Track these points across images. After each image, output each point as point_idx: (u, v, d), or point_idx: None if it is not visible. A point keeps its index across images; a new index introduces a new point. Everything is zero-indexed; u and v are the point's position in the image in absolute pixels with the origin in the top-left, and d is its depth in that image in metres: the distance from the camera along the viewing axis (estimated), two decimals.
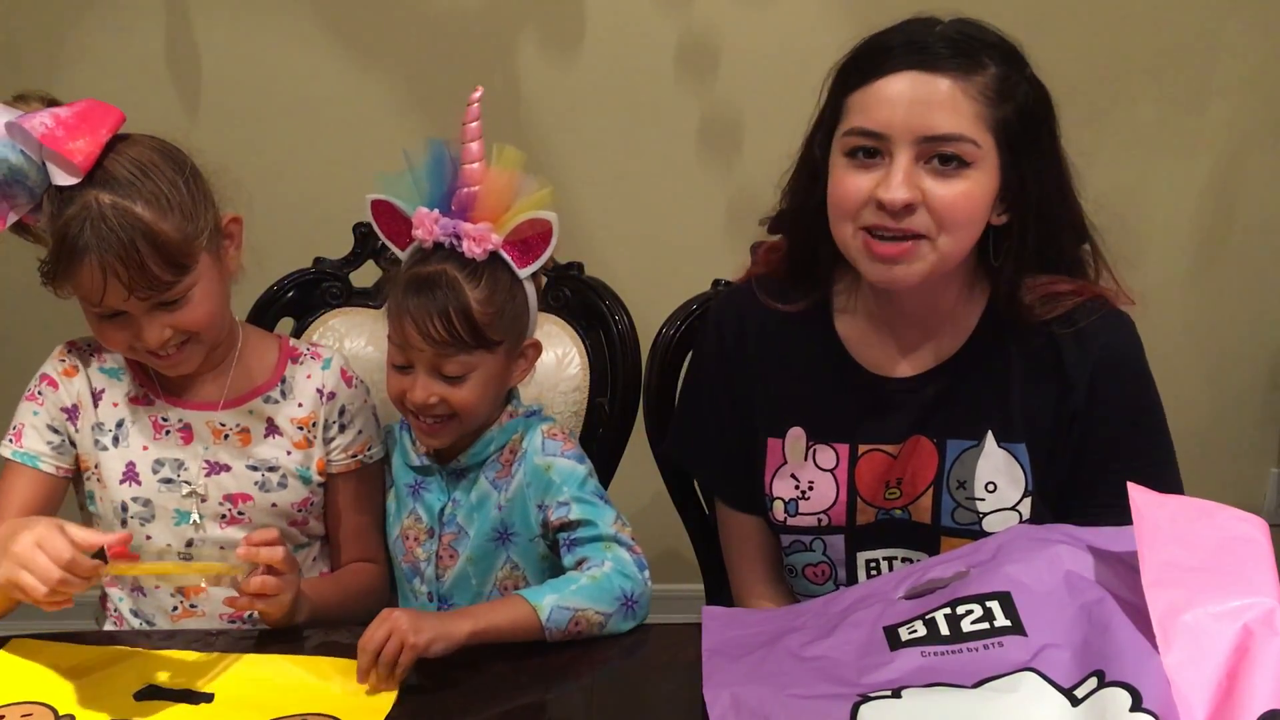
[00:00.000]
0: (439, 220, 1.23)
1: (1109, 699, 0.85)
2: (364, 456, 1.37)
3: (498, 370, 1.27)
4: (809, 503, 1.27)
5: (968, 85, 1.10)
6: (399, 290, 1.24)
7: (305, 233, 1.74)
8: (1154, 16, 2.20)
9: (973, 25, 1.16)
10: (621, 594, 1.18)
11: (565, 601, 1.15)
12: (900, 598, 1.04)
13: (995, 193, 1.14)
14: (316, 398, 1.35)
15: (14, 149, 1.15)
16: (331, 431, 1.36)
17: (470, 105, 1.24)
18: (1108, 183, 2.22)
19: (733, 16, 2.17)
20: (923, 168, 1.11)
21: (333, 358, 1.38)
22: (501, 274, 1.24)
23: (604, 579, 1.19)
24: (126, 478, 1.29)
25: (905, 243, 1.13)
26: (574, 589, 1.17)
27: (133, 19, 2.17)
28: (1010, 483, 1.21)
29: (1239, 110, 2.26)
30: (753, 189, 2.22)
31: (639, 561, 1.22)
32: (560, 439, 1.32)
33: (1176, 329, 2.34)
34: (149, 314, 1.20)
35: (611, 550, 1.22)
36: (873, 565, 1.28)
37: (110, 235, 1.15)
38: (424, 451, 1.35)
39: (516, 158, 1.25)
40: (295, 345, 1.40)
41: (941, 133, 1.10)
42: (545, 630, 1.14)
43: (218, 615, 1.32)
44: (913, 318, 1.24)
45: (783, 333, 1.29)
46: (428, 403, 1.24)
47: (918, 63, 1.11)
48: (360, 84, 2.21)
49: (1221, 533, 0.92)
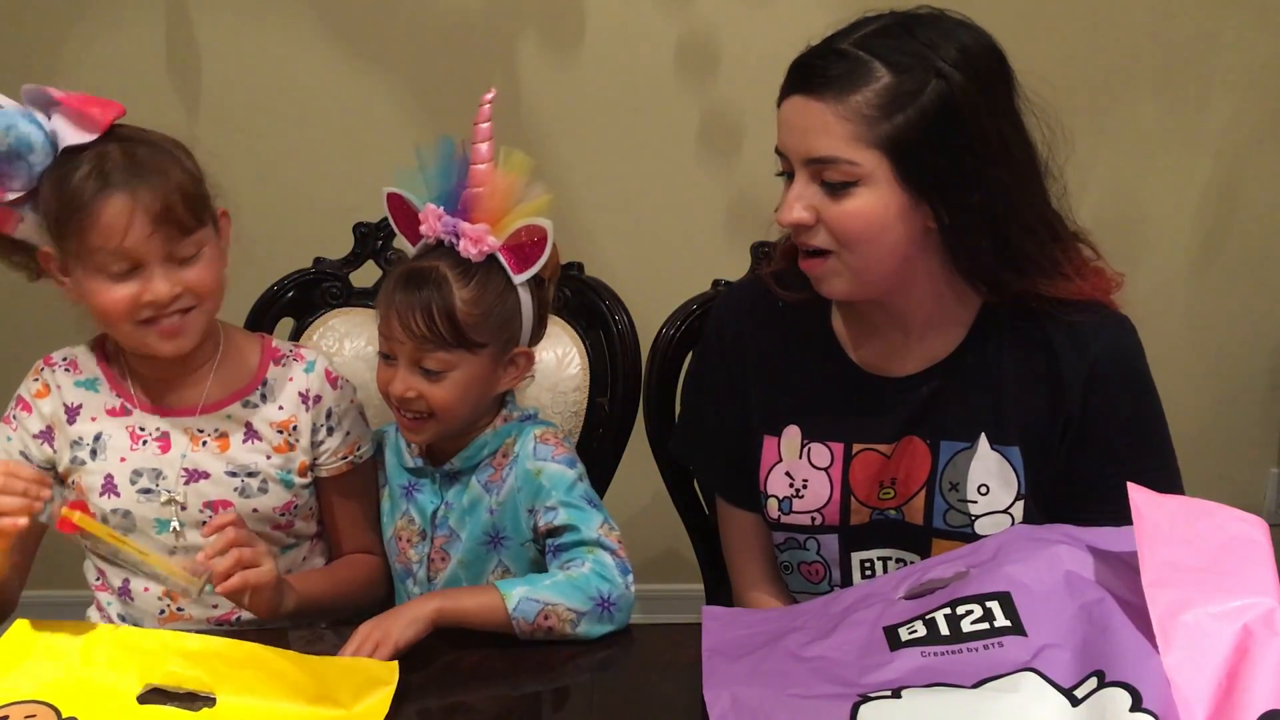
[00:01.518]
0: (442, 217, 1.23)
1: (1109, 699, 0.85)
2: (354, 457, 1.37)
3: (480, 373, 1.27)
4: (803, 501, 1.28)
5: (841, 106, 1.10)
6: (391, 281, 1.26)
7: (305, 233, 1.74)
8: (1154, 16, 2.20)
9: (886, 30, 1.12)
10: (598, 594, 1.18)
11: (535, 594, 1.16)
12: (900, 598, 1.04)
13: (901, 203, 1.12)
14: (298, 400, 1.34)
15: (26, 116, 1.16)
16: (320, 435, 1.35)
17: (482, 106, 1.24)
18: (1108, 183, 2.26)
19: (733, 16, 2.17)
20: (819, 187, 1.13)
21: (316, 360, 1.37)
22: (495, 277, 1.24)
23: (580, 578, 1.19)
24: (105, 490, 1.29)
25: (814, 258, 1.17)
26: (547, 584, 1.18)
27: (133, 19, 2.17)
28: (1003, 485, 1.21)
29: (1239, 110, 2.26)
30: (753, 189, 2.23)
31: (621, 566, 1.22)
32: (552, 444, 1.31)
33: (1176, 328, 2.34)
34: (164, 264, 1.20)
35: (594, 554, 1.22)
36: (867, 566, 1.28)
37: (134, 169, 1.18)
38: (418, 453, 1.35)
39: (524, 163, 1.25)
40: (278, 346, 1.39)
41: (818, 155, 1.12)
42: (512, 620, 1.14)
43: (205, 619, 1.32)
44: (900, 319, 1.24)
45: (782, 331, 1.29)
46: (405, 396, 1.25)
47: (800, 86, 1.13)
48: (360, 84, 2.21)
49: (1221, 533, 0.92)
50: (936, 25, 1.13)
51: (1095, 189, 2.24)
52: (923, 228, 1.14)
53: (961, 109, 1.09)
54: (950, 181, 1.11)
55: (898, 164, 1.10)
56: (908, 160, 1.10)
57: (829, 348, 1.28)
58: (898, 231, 1.13)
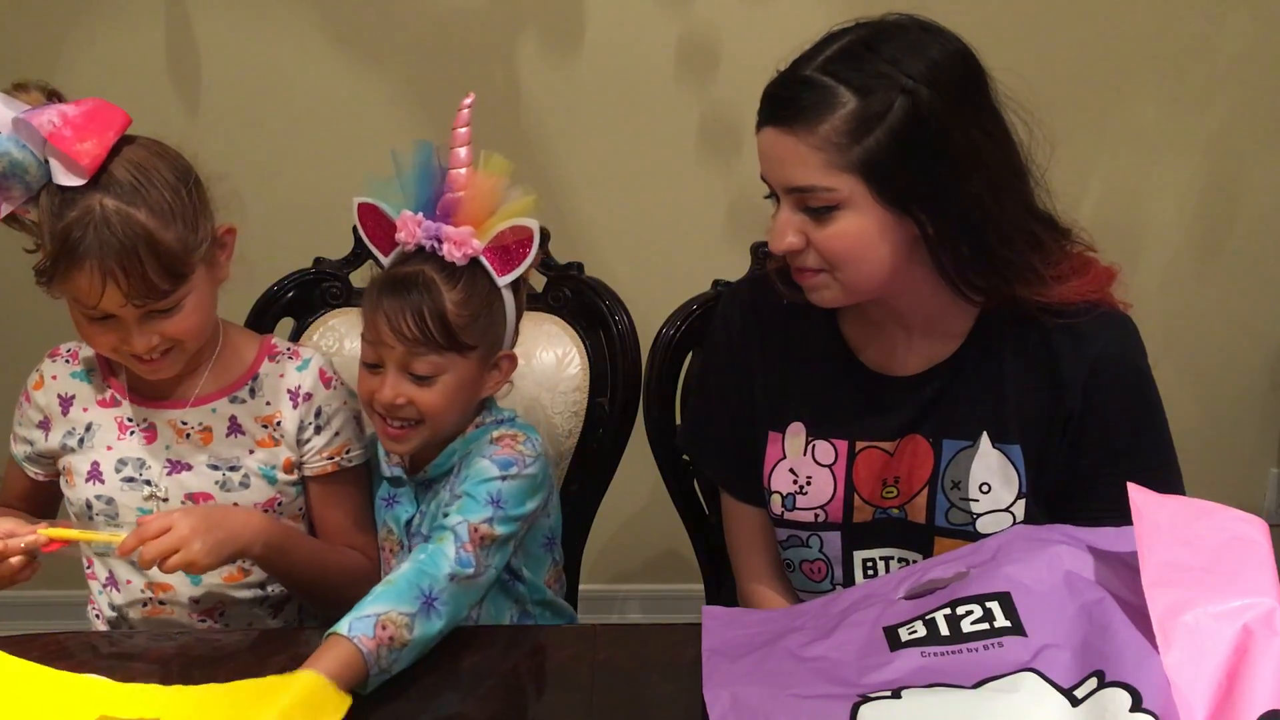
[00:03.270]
0: (422, 223, 1.23)
1: (1109, 699, 0.85)
2: (341, 459, 1.36)
3: (469, 377, 1.26)
4: (806, 498, 1.28)
5: (812, 136, 1.10)
6: (375, 288, 1.24)
7: (305, 233, 1.74)
8: (1154, 16, 2.20)
9: (849, 51, 1.11)
10: (420, 593, 1.12)
11: (362, 610, 1.09)
12: (900, 598, 1.04)
13: (883, 221, 1.12)
14: (287, 398, 1.34)
15: (17, 144, 1.14)
16: (307, 433, 1.34)
17: (460, 110, 1.24)
18: (1108, 183, 2.26)
19: (733, 16, 2.17)
20: (804, 213, 1.14)
21: (312, 358, 1.37)
22: (480, 280, 1.24)
23: (399, 579, 1.13)
24: (91, 477, 1.31)
25: (807, 273, 1.18)
26: (370, 598, 1.11)
27: (133, 19, 2.17)
28: (1004, 484, 1.21)
29: (1239, 110, 2.26)
30: (753, 189, 2.21)
31: (462, 559, 1.16)
32: (504, 444, 1.27)
33: (1176, 328, 2.34)
34: (140, 321, 1.20)
35: (440, 543, 1.17)
36: (869, 565, 1.28)
37: (112, 241, 1.14)
38: (395, 463, 1.35)
39: (504, 165, 1.25)
40: (276, 344, 1.39)
41: (796, 185, 1.13)
42: (353, 640, 1.05)
43: (187, 614, 1.33)
44: (901, 317, 1.24)
45: (788, 328, 1.29)
46: (395, 403, 1.23)
47: (770, 117, 1.14)
48: (360, 84, 2.21)
49: (1221, 533, 0.92)
50: (901, 38, 1.12)
51: (1095, 189, 2.24)
52: (911, 237, 1.14)
53: (929, 122, 1.09)
54: (927, 194, 1.12)
55: (874, 184, 1.11)
56: (883, 180, 1.11)
57: (835, 346, 1.28)
58: (884, 247, 1.14)
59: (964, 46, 1.14)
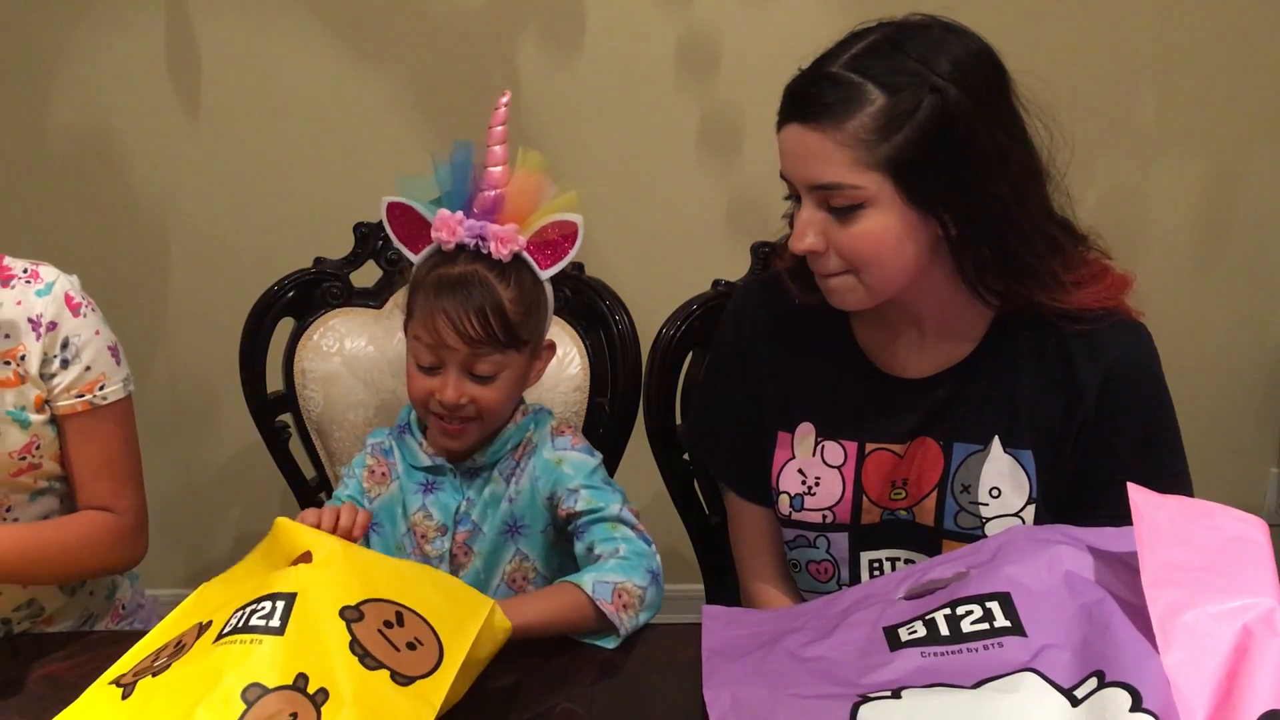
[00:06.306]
0: (464, 222, 1.23)
1: (1109, 699, 0.85)
2: (94, 397, 1.24)
3: (523, 371, 1.30)
4: (814, 498, 1.28)
5: (839, 133, 1.09)
6: (428, 290, 1.24)
7: (305, 233, 1.74)
8: (1154, 16, 2.20)
9: (876, 48, 1.11)
10: (647, 569, 1.22)
11: (604, 577, 1.19)
12: (900, 598, 1.04)
13: (909, 220, 1.12)
14: (29, 327, 1.18)
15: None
16: (52, 367, 1.20)
17: (497, 109, 1.25)
18: (1108, 183, 2.26)
19: (733, 16, 2.17)
20: (827, 212, 1.13)
21: (56, 281, 1.21)
22: (525, 275, 1.26)
23: (626, 560, 1.22)
24: None
25: (829, 276, 1.17)
26: (608, 568, 1.21)
27: (133, 19, 2.17)
28: (1015, 489, 1.21)
29: (1239, 110, 2.26)
30: (753, 189, 2.23)
31: (645, 538, 1.26)
32: (569, 434, 1.35)
33: (1177, 328, 2.33)
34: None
35: (618, 530, 1.25)
36: (876, 566, 1.28)
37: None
38: (435, 452, 1.35)
39: (540, 161, 1.26)
40: (10, 265, 1.22)
41: (822, 183, 1.12)
42: (595, 601, 1.17)
43: None
44: (915, 317, 1.24)
45: (799, 327, 1.29)
46: (458, 403, 1.25)
47: (795, 114, 1.12)
48: (360, 84, 2.21)
49: (1221, 533, 0.92)
50: (927, 36, 1.11)
51: (1095, 189, 2.24)
52: (934, 238, 1.14)
53: (957, 122, 1.09)
54: (952, 194, 1.11)
55: (900, 183, 1.10)
56: (910, 178, 1.10)
57: (847, 346, 1.28)
58: (909, 247, 1.13)
59: (987, 46, 1.14)
